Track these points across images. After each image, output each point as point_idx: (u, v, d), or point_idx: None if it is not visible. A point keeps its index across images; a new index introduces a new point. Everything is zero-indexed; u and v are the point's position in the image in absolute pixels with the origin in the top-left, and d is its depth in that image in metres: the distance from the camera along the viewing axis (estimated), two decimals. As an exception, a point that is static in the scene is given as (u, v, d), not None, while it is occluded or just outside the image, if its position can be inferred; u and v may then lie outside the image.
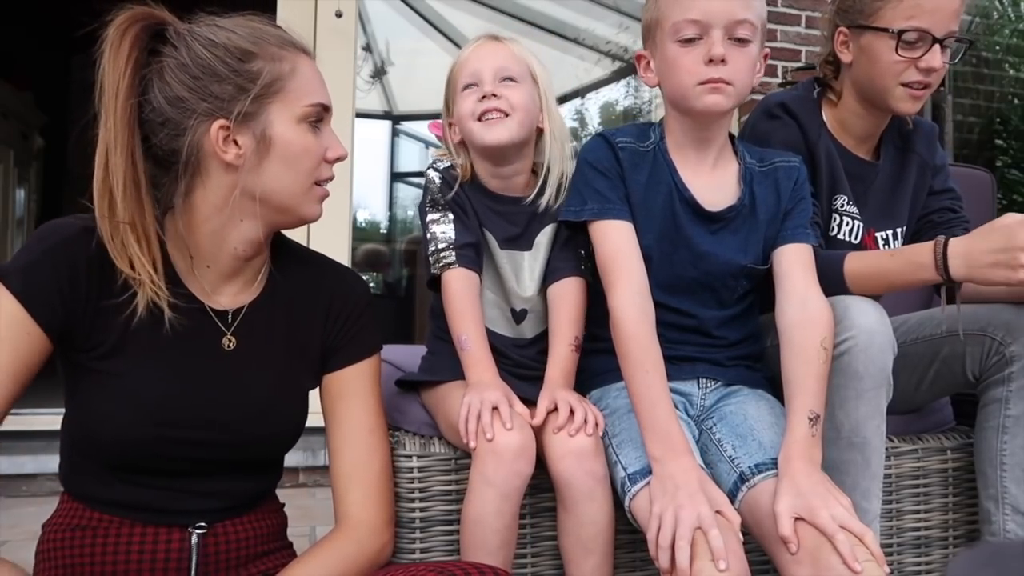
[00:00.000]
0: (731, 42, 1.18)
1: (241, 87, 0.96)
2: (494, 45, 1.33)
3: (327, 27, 2.66)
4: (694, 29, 1.17)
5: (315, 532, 2.01)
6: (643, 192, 1.26)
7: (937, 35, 1.33)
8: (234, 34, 0.98)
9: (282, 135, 0.98)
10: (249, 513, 1.06)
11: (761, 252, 1.28)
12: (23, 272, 0.93)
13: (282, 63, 0.98)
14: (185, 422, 0.98)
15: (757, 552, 1.17)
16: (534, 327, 1.37)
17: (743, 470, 1.14)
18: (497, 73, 1.30)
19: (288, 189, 1.00)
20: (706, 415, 1.27)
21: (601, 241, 1.24)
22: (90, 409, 0.96)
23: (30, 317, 0.92)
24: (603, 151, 1.27)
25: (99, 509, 0.99)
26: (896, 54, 1.34)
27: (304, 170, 1.00)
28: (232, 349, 1.03)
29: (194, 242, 1.01)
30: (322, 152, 1.01)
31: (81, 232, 0.95)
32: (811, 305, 1.19)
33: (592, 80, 4.00)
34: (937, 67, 1.34)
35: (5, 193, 4.28)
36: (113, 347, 0.96)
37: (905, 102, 1.38)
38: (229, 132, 0.96)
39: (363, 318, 1.12)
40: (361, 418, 1.09)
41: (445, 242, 1.30)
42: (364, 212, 4.36)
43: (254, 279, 1.06)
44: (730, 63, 1.17)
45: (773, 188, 1.29)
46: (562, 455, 1.13)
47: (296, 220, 1.04)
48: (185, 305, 0.99)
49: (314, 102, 1.00)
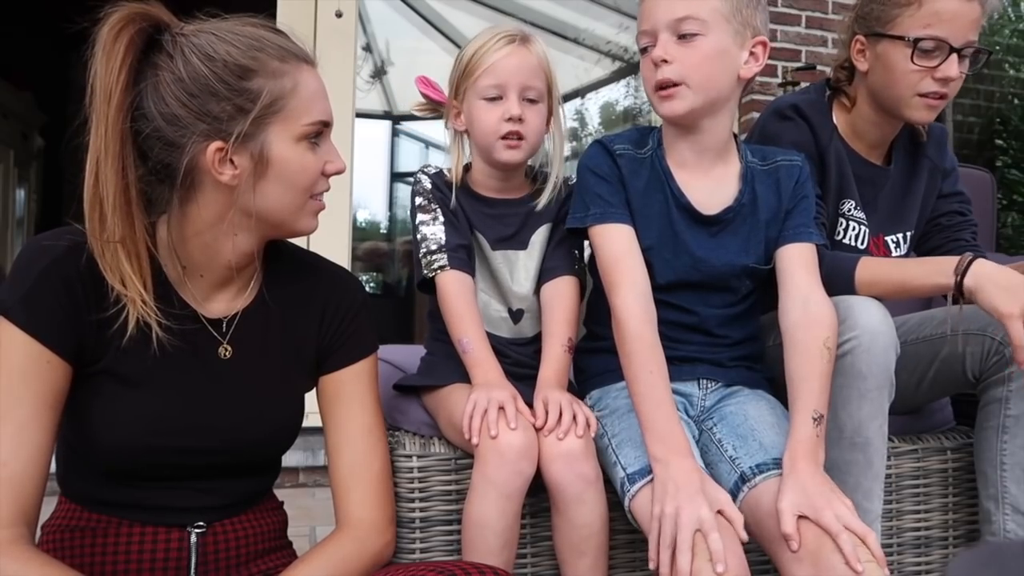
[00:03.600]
0: (679, 41, 1.19)
1: (240, 107, 0.91)
2: (523, 56, 1.30)
3: (327, 27, 2.66)
4: (646, 38, 1.22)
5: (315, 532, 2.01)
6: (641, 198, 1.26)
7: (955, 44, 1.31)
8: (233, 47, 0.93)
9: (280, 155, 0.95)
10: (248, 512, 1.06)
11: (763, 252, 1.28)
12: (24, 303, 0.91)
13: (283, 80, 0.94)
14: (183, 431, 0.97)
15: (757, 552, 1.17)
16: (533, 326, 1.37)
17: (744, 470, 1.14)
18: (523, 91, 1.29)
19: (285, 207, 0.98)
20: (706, 415, 1.27)
21: (603, 245, 1.24)
22: (88, 419, 0.96)
23: (44, 348, 0.91)
24: (602, 158, 1.28)
25: (97, 510, 0.99)
26: (912, 63, 1.32)
27: (301, 188, 0.98)
28: (229, 357, 1.02)
29: (186, 252, 0.99)
30: (320, 168, 0.99)
31: (70, 249, 0.93)
32: (813, 305, 1.18)
33: (592, 80, 4.00)
34: (954, 77, 1.33)
35: (5, 193, 4.28)
36: (111, 359, 0.95)
37: (920, 112, 1.37)
38: (226, 153, 0.93)
39: (358, 319, 1.11)
40: (359, 419, 1.09)
41: (436, 244, 1.30)
42: (364, 212, 4.36)
43: (246, 286, 1.05)
44: (678, 61, 1.18)
45: (775, 187, 1.29)
46: (552, 458, 1.13)
47: (290, 234, 1.02)
48: (179, 314, 0.98)
49: (314, 120, 0.97)
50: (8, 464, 0.88)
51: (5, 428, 0.88)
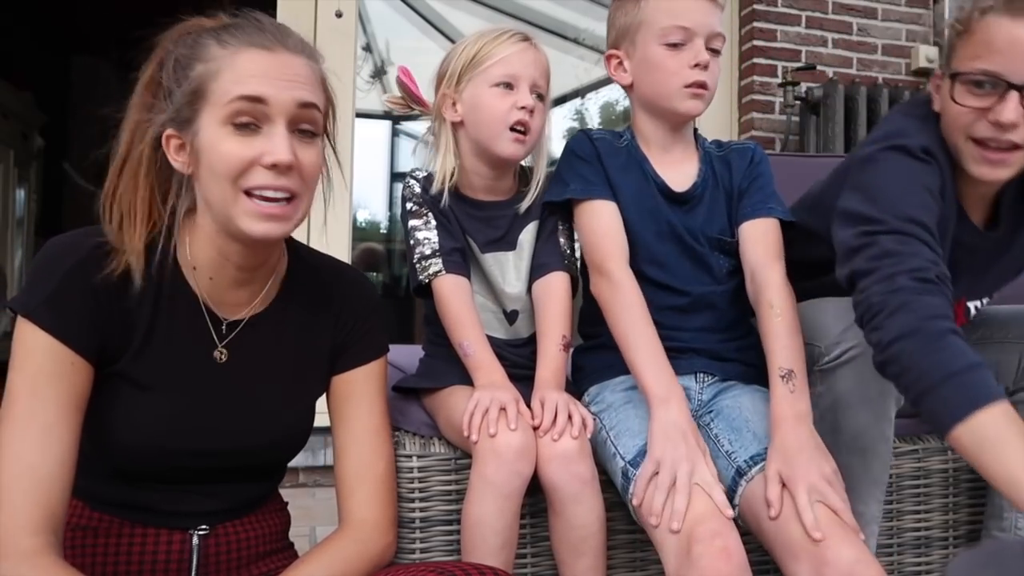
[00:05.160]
0: (708, 51, 1.27)
1: (176, 94, 0.93)
2: (535, 54, 1.32)
3: (327, 27, 2.66)
4: (681, 35, 1.26)
5: (315, 532, 2.00)
6: (619, 176, 1.33)
7: (1014, 81, 1.06)
8: (190, 38, 0.94)
9: (205, 140, 0.91)
10: (251, 514, 1.06)
11: (727, 225, 1.34)
12: (49, 304, 0.90)
13: (211, 63, 0.91)
14: (190, 433, 0.97)
15: (758, 552, 1.17)
16: (528, 326, 1.37)
17: (739, 464, 1.15)
18: (533, 87, 1.30)
19: (217, 200, 0.92)
20: (704, 410, 1.28)
21: (589, 220, 1.30)
22: (104, 420, 0.95)
23: (69, 349, 0.90)
24: (583, 142, 1.36)
25: (100, 509, 0.99)
26: (956, 101, 1.10)
27: (222, 177, 0.90)
28: (224, 361, 1.01)
29: (194, 252, 0.99)
30: (247, 156, 0.90)
31: (93, 249, 0.93)
32: (759, 273, 1.26)
33: (592, 80, 3.99)
34: (1011, 121, 1.07)
35: (5, 193, 4.28)
36: (127, 360, 0.95)
37: (979, 166, 1.12)
38: (182, 141, 0.93)
39: (372, 320, 1.11)
40: (367, 419, 1.09)
41: (430, 248, 1.30)
42: (364, 212, 4.36)
43: (261, 289, 1.04)
44: (709, 70, 1.27)
45: (726, 166, 1.37)
46: (548, 458, 1.13)
47: (238, 234, 0.93)
48: (186, 313, 0.98)
49: (234, 96, 0.89)
50: (36, 468, 0.86)
51: (31, 431, 0.87)
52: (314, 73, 0.96)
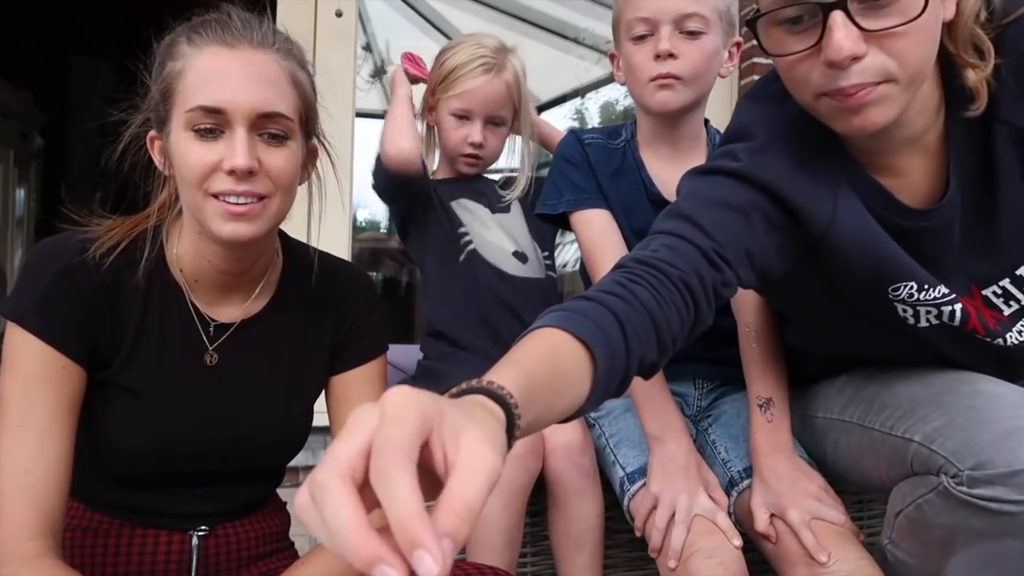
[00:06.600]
0: (682, 36, 1.19)
1: (153, 93, 0.93)
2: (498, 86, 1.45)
3: (327, 27, 2.65)
4: (644, 26, 1.21)
5: (315, 532, 2.00)
6: (610, 184, 1.29)
7: None
8: (169, 42, 0.93)
9: (174, 143, 0.90)
10: (251, 515, 1.06)
11: None
12: (38, 309, 0.89)
13: (177, 62, 0.89)
14: (179, 438, 0.97)
15: (758, 552, 1.17)
16: (535, 270, 1.48)
17: (733, 475, 1.15)
18: (488, 118, 1.45)
19: (189, 202, 0.92)
20: (702, 415, 1.27)
21: (584, 229, 1.28)
22: (100, 425, 0.95)
23: (60, 354, 0.90)
24: (573, 145, 1.33)
25: (100, 510, 0.99)
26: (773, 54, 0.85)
27: (187, 182, 0.89)
28: (214, 364, 1.00)
29: (182, 251, 0.98)
30: (208, 161, 0.88)
31: (82, 252, 0.92)
32: (739, 294, 1.18)
33: (592, 80, 3.99)
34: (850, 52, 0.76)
35: (5, 193, 4.28)
36: (120, 364, 0.95)
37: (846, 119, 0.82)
38: (163, 143, 0.94)
39: (370, 318, 1.10)
40: None
41: None
42: (364, 211, 4.36)
43: (249, 295, 1.02)
44: (681, 57, 1.19)
45: None
46: (551, 450, 1.14)
47: (213, 237, 0.92)
48: (176, 316, 0.97)
49: (192, 105, 0.87)
50: (31, 472, 0.86)
51: (26, 435, 0.87)
52: (283, 71, 0.91)
